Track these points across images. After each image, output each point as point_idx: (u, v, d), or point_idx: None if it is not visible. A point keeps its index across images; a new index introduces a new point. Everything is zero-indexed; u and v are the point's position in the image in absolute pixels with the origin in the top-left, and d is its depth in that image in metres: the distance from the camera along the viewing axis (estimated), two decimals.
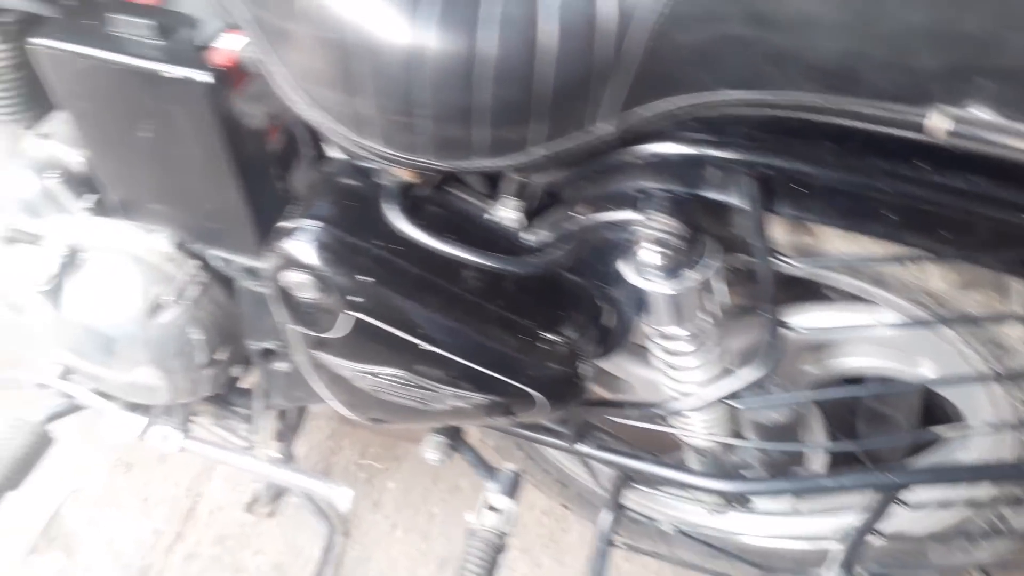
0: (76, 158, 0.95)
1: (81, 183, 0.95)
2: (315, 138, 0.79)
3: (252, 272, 0.88)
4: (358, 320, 0.69)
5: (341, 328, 0.70)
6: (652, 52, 0.54)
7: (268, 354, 1.00)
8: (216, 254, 0.87)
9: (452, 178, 0.71)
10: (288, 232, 0.69)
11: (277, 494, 1.40)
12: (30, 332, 1.03)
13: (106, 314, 0.92)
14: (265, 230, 0.81)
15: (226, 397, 1.13)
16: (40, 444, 1.04)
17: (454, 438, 0.94)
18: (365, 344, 0.71)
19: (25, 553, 1.34)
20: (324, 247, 0.67)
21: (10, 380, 1.05)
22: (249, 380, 1.15)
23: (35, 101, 0.95)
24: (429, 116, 0.57)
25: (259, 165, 0.77)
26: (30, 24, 0.84)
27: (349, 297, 0.68)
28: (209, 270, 0.95)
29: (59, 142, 0.95)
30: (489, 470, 0.93)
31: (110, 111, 0.74)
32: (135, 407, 1.09)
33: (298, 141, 0.79)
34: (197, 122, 0.71)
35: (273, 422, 1.20)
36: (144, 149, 0.76)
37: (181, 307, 0.93)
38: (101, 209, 0.96)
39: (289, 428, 1.23)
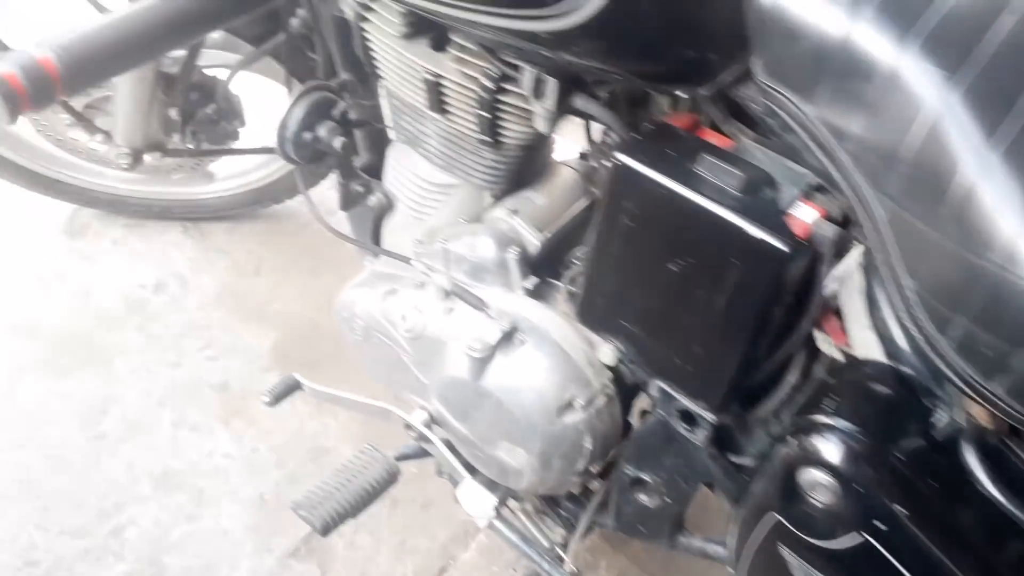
0: (533, 241, 0.99)
1: (529, 264, 0.98)
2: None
3: (686, 415, 0.85)
4: (864, 543, 0.63)
5: (837, 542, 0.65)
6: None
7: (637, 483, 0.97)
8: (661, 385, 0.85)
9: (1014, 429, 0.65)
10: (819, 428, 0.65)
11: None
12: (417, 375, 1.06)
13: (516, 396, 0.93)
14: (731, 391, 0.79)
15: (557, 498, 1.12)
16: (388, 480, 1.06)
17: None
18: (855, 568, 0.65)
19: (285, 554, 1.38)
20: (860, 458, 0.63)
21: (380, 411, 1.09)
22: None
23: (512, 178, 1.00)
24: None
25: (766, 333, 0.75)
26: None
27: (869, 519, 0.63)
28: (618, 385, 0.94)
29: (523, 221, 0.99)
30: None
31: (652, 235, 0.75)
32: (472, 470, 1.09)
33: (805, 320, 0.76)
34: (745, 281, 0.70)
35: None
36: (660, 277, 0.76)
37: (586, 413, 0.92)
38: (538, 294, 0.99)
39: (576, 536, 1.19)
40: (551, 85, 0.76)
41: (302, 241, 1.88)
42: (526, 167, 1.01)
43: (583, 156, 1.09)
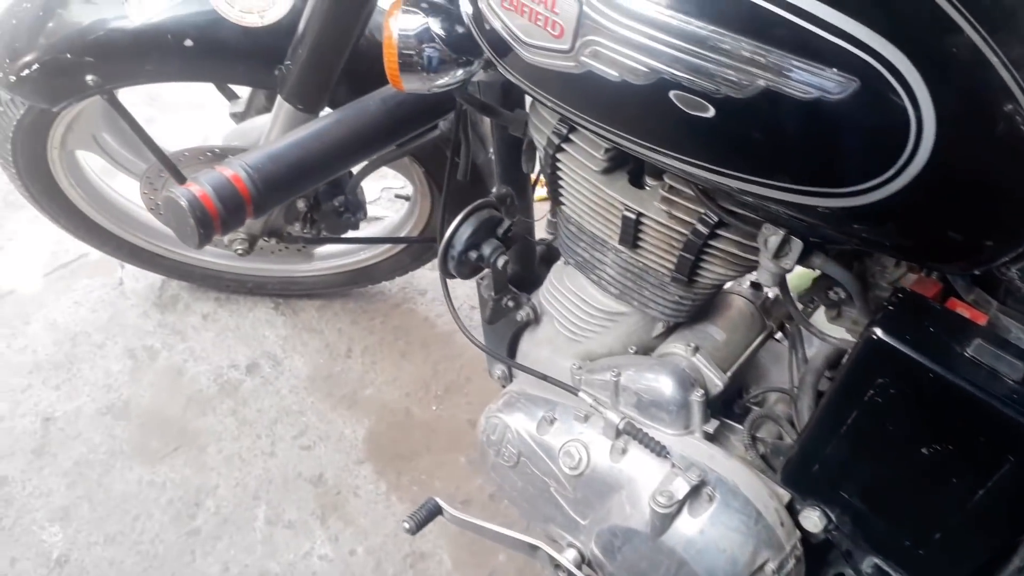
0: (716, 381, 0.93)
1: (711, 406, 0.92)
2: None
3: None
4: None
5: None
6: None
7: None
8: (877, 563, 0.78)
9: None
10: None
11: None
12: (571, 513, 1.00)
13: (703, 557, 0.86)
14: None
15: None
16: None
17: None
18: None
19: None
20: None
21: (527, 547, 1.02)
22: None
23: (693, 313, 0.94)
24: None
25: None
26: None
27: None
28: (807, 546, 0.88)
29: (705, 359, 0.93)
30: None
31: (905, 415, 0.68)
32: None
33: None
34: (1017, 475, 0.64)
35: None
36: (906, 457, 0.70)
37: None
38: (714, 437, 0.93)
39: None
40: (795, 246, 0.71)
41: (393, 322, 1.83)
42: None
43: (755, 286, 1.04)
